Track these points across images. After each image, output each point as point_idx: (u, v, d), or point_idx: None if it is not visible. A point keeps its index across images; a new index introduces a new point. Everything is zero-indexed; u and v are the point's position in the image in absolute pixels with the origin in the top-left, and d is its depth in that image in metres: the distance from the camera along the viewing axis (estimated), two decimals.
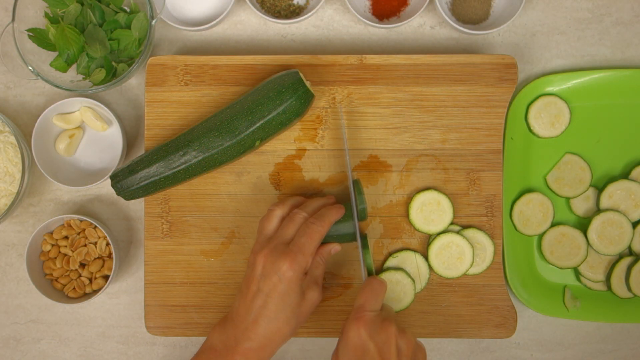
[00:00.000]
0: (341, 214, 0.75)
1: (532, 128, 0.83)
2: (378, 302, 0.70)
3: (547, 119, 0.83)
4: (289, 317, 0.70)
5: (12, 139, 0.83)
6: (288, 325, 0.70)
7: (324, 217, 0.73)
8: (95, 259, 0.83)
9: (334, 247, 0.76)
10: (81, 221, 0.84)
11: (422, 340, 0.80)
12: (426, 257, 0.81)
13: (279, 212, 0.74)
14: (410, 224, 0.81)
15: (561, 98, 0.83)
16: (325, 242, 0.76)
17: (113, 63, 0.82)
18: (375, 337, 0.66)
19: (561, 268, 0.83)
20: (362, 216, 0.76)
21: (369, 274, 0.75)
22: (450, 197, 0.81)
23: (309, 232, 0.72)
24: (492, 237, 0.81)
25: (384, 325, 0.67)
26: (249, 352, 0.69)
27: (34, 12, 0.82)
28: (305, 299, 0.71)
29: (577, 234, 0.82)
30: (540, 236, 0.84)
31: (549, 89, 0.84)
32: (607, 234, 0.82)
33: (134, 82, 0.87)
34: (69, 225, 0.84)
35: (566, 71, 0.86)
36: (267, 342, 0.69)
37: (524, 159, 0.84)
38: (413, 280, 0.80)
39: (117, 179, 0.77)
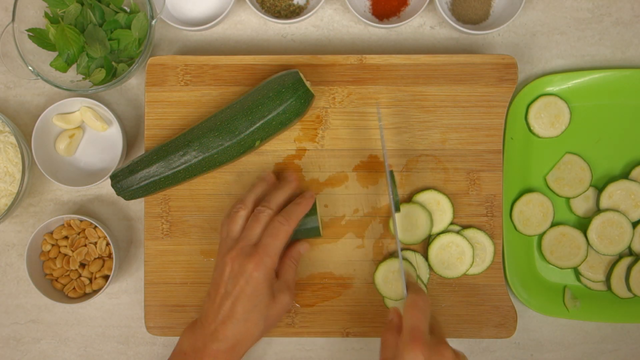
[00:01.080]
0: (309, 206, 0.75)
1: (532, 128, 0.83)
2: (427, 321, 0.67)
3: (547, 119, 0.83)
4: (258, 318, 0.70)
5: (12, 139, 0.83)
6: (257, 327, 0.70)
7: (290, 215, 0.73)
8: (95, 259, 0.83)
9: (303, 246, 0.77)
10: (81, 221, 0.84)
11: None
12: (426, 257, 0.81)
13: (243, 213, 0.74)
14: None
15: (561, 98, 0.83)
16: (292, 237, 0.76)
17: (113, 63, 0.82)
18: None
19: (561, 268, 0.83)
20: (397, 208, 0.77)
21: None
22: (450, 197, 0.81)
23: (275, 232, 0.72)
24: (492, 237, 0.81)
25: (440, 349, 0.64)
26: (217, 354, 0.69)
27: (34, 12, 0.82)
28: (276, 302, 0.71)
29: (577, 234, 0.82)
30: (540, 236, 0.84)
31: (549, 89, 0.84)
32: (607, 234, 0.82)
33: (134, 82, 0.87)
34: (69, 225, 0.84)
35: (566, 71, 0.86)
36: (236, 344, 0.70)
37: (524, 159, 0.84)
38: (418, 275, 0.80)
39: (117, 179, 0.77)
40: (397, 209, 0.78)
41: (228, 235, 0.73)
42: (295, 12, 0.85)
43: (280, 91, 0.75)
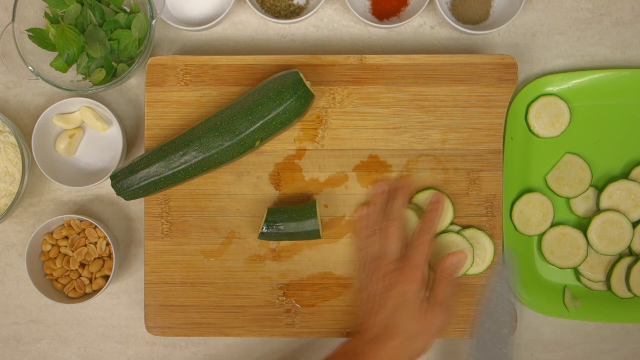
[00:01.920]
0: (443, 208, 0.78)
1: (532, 128, 0.83)
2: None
3: (547, 119, 0.83)
4: (414, 330, 0.71)
5: (12, 139, 0.83)
6: (415, 339, 0.71)
7: (429, 223, 0.76)
8: (95, 259, 0.84)
9: (456, 257, 0.77)
10: (81, 221, 0.84)
11: None
12: None
13: (373, 233, 0.77)
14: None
15: (561, 98, 0.83)
16: (291, 239, 0.78)
17: (113, 63, 0.82)
18: None
19: (561, 268, 0.83)
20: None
21: None
22: (450, 196, 0.81)
23: (417, 244, 0.75)
24: (492, 237, 0.81)
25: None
26: None
27: (34, 12, 0.82)
28: (429, 315, 0.72)
29: (577, 234, 0.82)
30: (540, 236, 0.84)
31: (549, 89, 0.84)
32: (607, 234, 0.82)
33: (134, 82, 0.87)
34: (69, 225, 0.84)
35: (566, 71, 0.86)
36: (395, 354, 0.71)
37: (524, 159, 0.84)
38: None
39: (117, 179, 0.77)
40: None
41: (367, 255, 0.76)
42: (295, 12, 0.85)
43: (280, 91, 0.75)
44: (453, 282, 0.76)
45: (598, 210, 0.83)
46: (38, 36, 0.81)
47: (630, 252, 0.84)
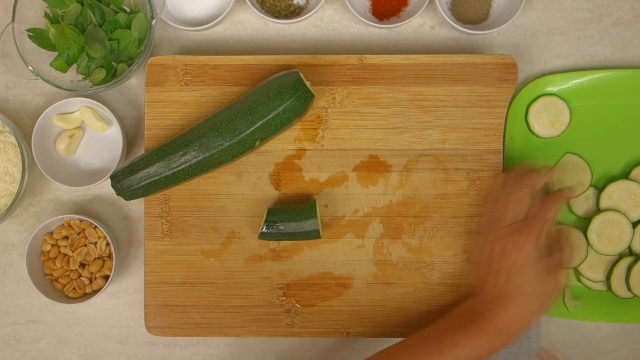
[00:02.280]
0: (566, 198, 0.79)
1: (532, 128, 0.83)
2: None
3: (547, 119, 0.83)
4: (533, 293, 0.71)
5: (12, 139, 0.83)
6: (533, 301, 0.71)
7: (557, 197, 0.76)
8: (95, 259, 0.84)
9: (566, 194, 0.78)
10: (81, 221, 0.84)
11: None
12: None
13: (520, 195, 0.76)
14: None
15: (561, 98, 0.83)
16: (291, 239, 0.78)
17: (113, 63, 0.82)
18: None
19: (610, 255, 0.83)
20: None
21: None
22: (450, 197, 0.81)
23: (544, 207, 0.74)
24: None
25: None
26: (501, 322, 0.71)
27: (34, 12, 0.82)
28: (548, 278, 0.72)
29: (577, 234, 0.82)
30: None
31: (549, 89, 0.84)
32: (607, 234, 0.82)
33: (134, 82, 0.87)
34: (69, 225, 0.84)
35: (566, 71, 0.86)
36: (515, 318, 0.71)
37: (524, 159, 0.84)
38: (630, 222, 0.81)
39: (117, 179, 0.77)
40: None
41: (491, 218, 0.76)
42: (295, 12, 0.85)
43: (280, 91, 0.75)
44: (572, 246, 0.78)
45: (598, 210, 0.83)
46: (38, 36, 0.81)
47: (630, 252, 0.84)
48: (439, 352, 0.70)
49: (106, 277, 0.84)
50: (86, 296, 0.83)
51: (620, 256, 0.83)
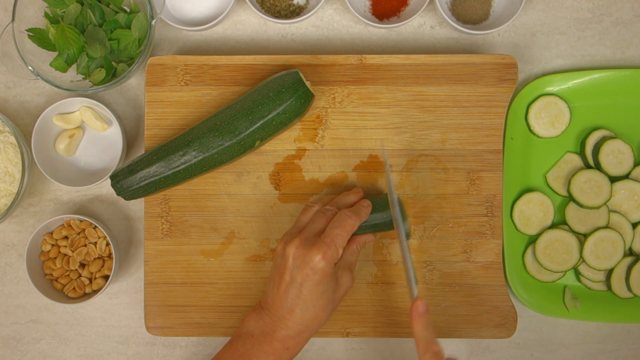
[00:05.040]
0: (369, 212, 0.76)
1: (532, 128, 0.83)
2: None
3: (548, 119, 0.83)
4: (325, 304, 0.71)
5: (12, 139, 0.83)
6: (324, 312, 0.71)
7: (358, 211, 0.74)
8: (95, 259, 0.83)
9: (369, 238, 0.77)
10: (81, 221, 0.84)
11: None
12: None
13: (315, 208, 0.75)
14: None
15: (561, 98, 0.83)
16: (359, 232, 0.76)
17: (113, 63, 0.82)
18: None
19: (555, 272, 0.83)
20: (408, 236, 0.78)
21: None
22: (450, 196, 0.81)
23: (342, 224, 0.72)
24: (492, 237, 0.81)
25: None
26: (286, 339, 0.71)
27: (34, 12, 0.82)
28: (339, 284, 0.72)
29: (572, 240, 0.82)
30: (535, 239, 0.84)
31: (549, 89, 0.84)
32: (601, 251, 0.82)
33: (134, 82, 0.87)
34: (69, 225, 0.84)
35: (566, 71, 0.86)
36: (304, 329, 0.71)
37: (524, 159, 0.84)
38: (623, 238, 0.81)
39: (117, 179, 0.77)
40: (408, 237, 0.79)
41: (295, 225, 0.75)
42: (295, 12, 0.85)
43: (280, 91, 0.75)
44: (359, 252, 0.76)
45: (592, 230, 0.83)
46: (38, 36, 0.81)
47: (630, 252, 0.84)
48: None
49: (106, 277, 0.84)
50: (86, 296, 0.83)
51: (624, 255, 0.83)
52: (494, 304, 0.81)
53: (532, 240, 0.84)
